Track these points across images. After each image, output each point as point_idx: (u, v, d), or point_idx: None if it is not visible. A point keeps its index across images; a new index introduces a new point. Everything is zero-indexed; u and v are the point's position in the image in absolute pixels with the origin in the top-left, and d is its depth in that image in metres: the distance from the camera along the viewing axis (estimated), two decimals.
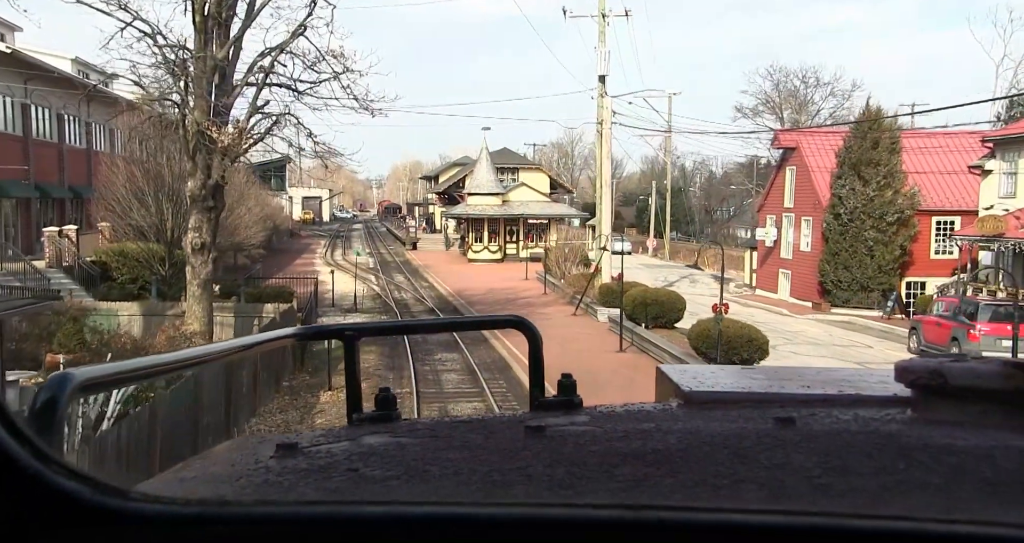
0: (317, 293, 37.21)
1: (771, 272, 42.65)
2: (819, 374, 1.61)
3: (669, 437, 1.09)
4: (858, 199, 35.99)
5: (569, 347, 23.96)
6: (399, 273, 55.62)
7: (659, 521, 0.75)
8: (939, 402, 1.20)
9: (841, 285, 36.81)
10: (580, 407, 1.35)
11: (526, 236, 61.75)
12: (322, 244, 79.95)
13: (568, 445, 1.08)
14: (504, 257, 60.75)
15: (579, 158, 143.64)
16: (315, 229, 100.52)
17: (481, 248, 60.67)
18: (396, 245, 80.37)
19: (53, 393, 0.82)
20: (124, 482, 0.80)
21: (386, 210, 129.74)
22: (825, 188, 37.80)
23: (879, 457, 0.98)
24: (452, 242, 73.08)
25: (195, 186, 21.75)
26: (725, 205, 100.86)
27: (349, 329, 1.46)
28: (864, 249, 36.27)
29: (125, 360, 1.05)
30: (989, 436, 1.07)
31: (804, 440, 1.06)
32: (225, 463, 1.12)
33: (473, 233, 61.26)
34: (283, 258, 63.87)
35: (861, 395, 1.36)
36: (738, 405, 1.32)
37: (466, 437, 1.14)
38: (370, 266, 60.05)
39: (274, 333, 1.52)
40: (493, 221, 60.57)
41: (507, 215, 60.52)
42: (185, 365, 1.24)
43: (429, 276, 52.37)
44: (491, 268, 56.72)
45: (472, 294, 40.69)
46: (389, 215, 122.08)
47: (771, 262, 42.74)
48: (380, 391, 1.38)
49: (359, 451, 1.08)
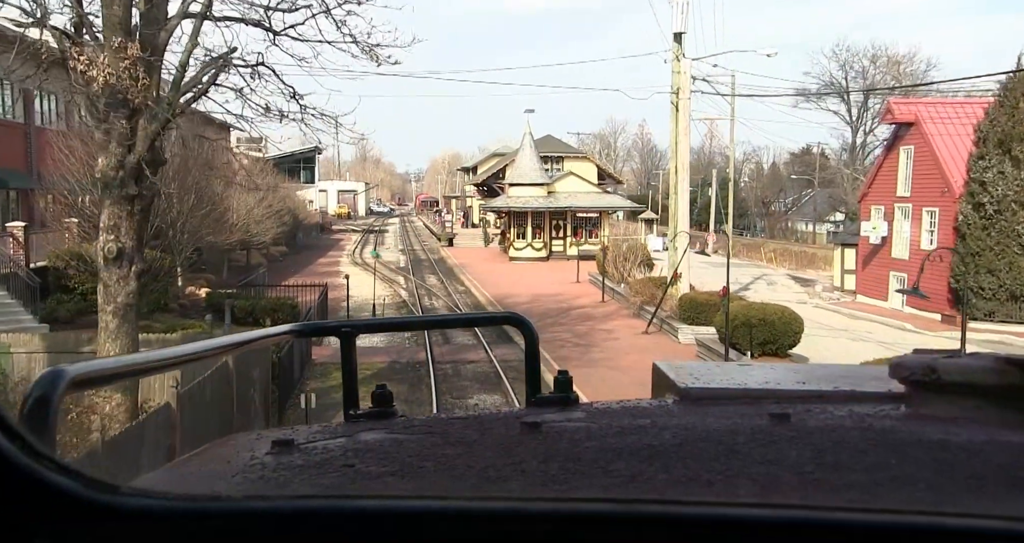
0: (326, 307, 29.31)
1: (878, 275, 34.05)
2: (815, 370, 1.59)
3: (664, 433, 1.07)
4: (1009, 185, 27.40)
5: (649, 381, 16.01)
6: (432, 274, 47.71)
7: (649, 515, 0.75)
8: (933, 398, 1.18)
9: (984, 293, 28.23)
10: (576, 403, 1.32)
11: (574, 232, 53.53)
12: (353, 240, 72.46)
13: (563, 441, 1.06)
14: (550, 255, 52.61)
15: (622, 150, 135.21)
16: (349, 223, 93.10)
17: (524, 245, 52.58)
18: (431, 241, 72.58)
19: (45, 390, 0.80)
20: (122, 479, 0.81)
21: (423, 204, 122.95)
22: (958, 172, 29.23)
23: (872, 453, 0.97)
24: (491, 238, 65.10)
25: (107, 164, 13.95)
26: (783, 196, 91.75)
27: (345, 325, 1.42)
28: (1017, 248, 27.69)
29: (119, 356, 0.93)
30: (981, 432, 1.05)
31: (798, 436, 1.04)
32: (220, 459, 1.08)
33: (515, 228, 53.16)
34: (307, 256, 56.30)
35: (856, 391, 1.33)
36: (734, 401, 1.30)
37: (462, 433, 1.13)
38: (400, 265, 52.26)
39: (273, 330, 1.48)
40: (537, 214, 52.43)
41: (553, 208, 52.32)
42: (180, 362, 1.18)
43: (465, 278, 44.41)
44: (535, 268, 48.64)
45: (516, 302, 32.69)
46: (426, 209, 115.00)
47: (878, 262, 34.12)
48: (377, 387, 1.34)
49: (355, 447, 1.07)
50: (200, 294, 33.46)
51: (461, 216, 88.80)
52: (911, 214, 32.16)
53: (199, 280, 36.56)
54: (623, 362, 21.77)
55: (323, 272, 46.32)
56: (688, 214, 29.16)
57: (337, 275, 45.89)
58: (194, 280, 36.56)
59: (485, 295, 37.20)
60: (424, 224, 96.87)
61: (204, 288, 34.67)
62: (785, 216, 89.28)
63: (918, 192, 31.67)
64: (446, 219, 78.97)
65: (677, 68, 28.83)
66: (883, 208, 33.92)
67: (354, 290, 38.83)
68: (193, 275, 38.29)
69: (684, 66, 28.40)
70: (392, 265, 51.82)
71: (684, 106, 28.48)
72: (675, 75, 29.01)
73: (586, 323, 29.45)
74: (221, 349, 1.32)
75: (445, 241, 66.84)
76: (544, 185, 52.28)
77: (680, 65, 28.45)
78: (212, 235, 32.64)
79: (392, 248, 67.31)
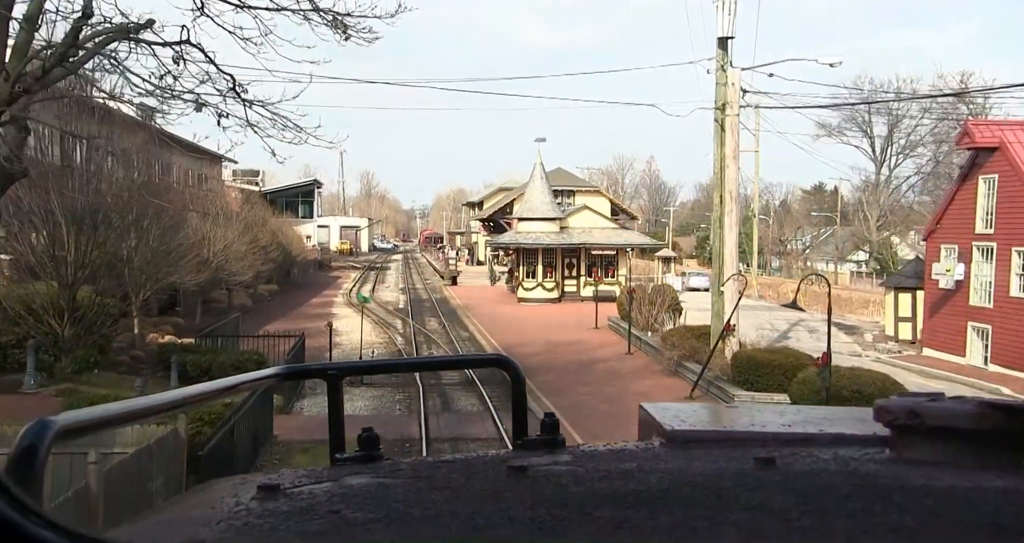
0: (302, 360, 23.89)
1: (952, 326, 28.61)
2: (799, 413, 1.58)
3: (650, 477, 1.06)
4: None
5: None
6: (433, 316, 42.35)
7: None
8: (917, 441, 1.15)
9: None
10: (563, 446, 1.30)
11: (589, 271, 48.22)
12: (352, 277, 67.23)
13: (550, 486, 1.05)
14: (562, 296, 47.28)
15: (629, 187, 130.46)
16: (350, 260, 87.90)
17: (534, 284, 47.26)
18: (434, 278, 67.32)
19: (32, 440, 0.78)
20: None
21: (427, 240, 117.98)
22: None
23: (856, 499, 0.96)
24: (498, 276, 59.84)
25: None
26: (800, 234, 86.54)
27: (332, 368, 1.40)
28: None
29: (106, 404, 0.98)
30: (966, 477, 1.03)
31: (783, 481, 1.03)
32: (205, 505, 1.05)
33: (524, 266, 47.87)
34: (299, 295, 50.97)
35: (841, 434, 1.31)
36: (719, 444, 1.28)
37: (448, 478, 1.11)
38: (399, 306, 46.92)
39: (256, 374, 1.46)
40: (548, 251, 47.16)
41: (566, 244, 47.06)
42: (166, 408, 1.15)
43: (470, 321, 39.06)
44: (547, 310, 43.29)
45: (529, 352, 27.30)
46: (430, 245, 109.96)
47: (951, 311, 28.69)
48: (363, 430, 1.31)
49: (341, 492, 1.05)
50: (165, 342, 28.19)
51: (466, 253, 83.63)
52: (995, 254, 26.82)
53: (165, 326, 31.30)
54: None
55: (313, 314, 41.03)
56: (737, 252, 23.89)
57: (327, 318, 40.62)
58: (159, 325, 31.31)
59: (492, 343, 31.84)
60: (428, 261, 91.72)
61: (169, 335, 29.40)
62: (803, 254, 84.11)
63: (1004, 229, 26.36)
64: (450, 256, 73.70)
65: (723, 79, 23.75)
66: (956, 247, 28.60)
67: (345, 336, 33.56)
68: (160, 319, 33.06)
69: (732, 76, 23.32)
70: (390, 306, 46.51)
71: (732, 124, 23.34)
72: (719, 87, 23.92)
73: (614, 383, 24.06)
74: (207, 395, 1.25)
75: (448, 279, 61.59)
76: (556, 220, 47.10)
77: (727, 75, 23.36)
78: (177, 274, 27.38)
79: (392, 286, 62.07)
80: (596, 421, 19.11)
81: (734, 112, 23.33)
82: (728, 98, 23.40)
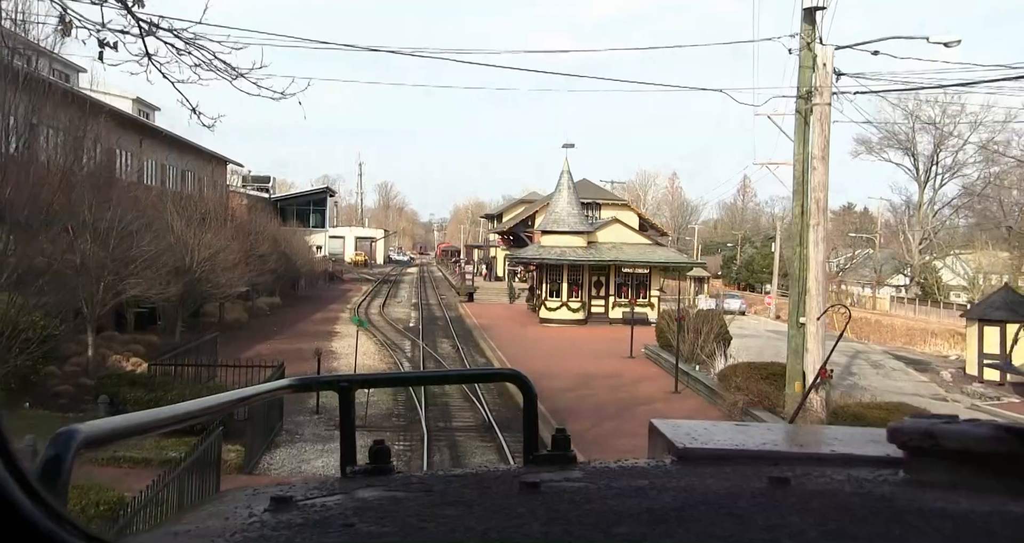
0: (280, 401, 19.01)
1: None
2: (812, 433, 1.47)
3: (664, 495, 1.05)
4: None
5: None
6: (446, 337, 37.43)
7: None
8: (931, 464, 1.13)
9: None
10: (574, 462, 1.28)
11: (618, 290, 43.22)
12: (363, 291, 62.47)
13: (563, 502, 1.03)
14: (588, 317, 42.30)
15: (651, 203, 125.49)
16: (364, 272, 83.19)
17: (558, 304, 42.30)
18: (450, 294, 62.47)
19: (58, 450, 0.79)
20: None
21: (444, 253, 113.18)
22: None
23: (874, 521, 0.94)
24: (517, 293, 54.93)
25: None
26: (835, 256, 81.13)
27: (344, 380, 1.39)
28: None
29: (128, 414, 0.99)
30: (984, 500, 1.01)
31: (799, 501, 1.01)
32: (219, 516, 1.05)
33: (547, 283, 42.93)
34: (303, 310, 46.20)
35: (854, 454, 1.29)
36: (732, 462, 1.26)
37: (460, 492, 1.10)
38: (409, 324, 42.04)
39: (270, 385, 1.47)
40: (574, 268, 42.20)
41: (595, 261, 42.10)
42: (187, 419, 1.15)
43: (486, 344, 34.11)
44: (573, 333, 38.30)
45: (556, 387, 22.22)
46: (447, 259, 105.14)
47: None
48: (375, 443, 1.29)
49: (354, 505, 1.04)
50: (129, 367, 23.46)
51: (484, 268, 78.76)
52: None
53: (135, 345, 26.57)
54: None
55: (313, 332, 36.20)
56: (824, 277, 18.83)
57: (329, 337, 35.76)
58: (129, 345, 26.58)
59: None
60: (444, 275, 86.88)
61: (135, 358, 24.65)
62: (837, 277, 78.70)
63: None
64: (467, 271, 68.81)
65: (808, 60, 18.89)
66: None
67: (344, 360, 28.76)
68: (133, 336, 28.35)
69: (823, 55, 18.41)
70: (400, 324, 41.67)
71: (822, 114, 18.43)
72: (804, 71, 19.08)
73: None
74: (225, 405, 1.25)
75: (464, 295, 56.70)
76: (584, 234, 42.18)
77: (819, 54, 18.48)
78: (140, 286, 22.66)
79: (405, 302, 57.25)
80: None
81: (824, 100, 18.40)
82: (817, 83, 18.48)
